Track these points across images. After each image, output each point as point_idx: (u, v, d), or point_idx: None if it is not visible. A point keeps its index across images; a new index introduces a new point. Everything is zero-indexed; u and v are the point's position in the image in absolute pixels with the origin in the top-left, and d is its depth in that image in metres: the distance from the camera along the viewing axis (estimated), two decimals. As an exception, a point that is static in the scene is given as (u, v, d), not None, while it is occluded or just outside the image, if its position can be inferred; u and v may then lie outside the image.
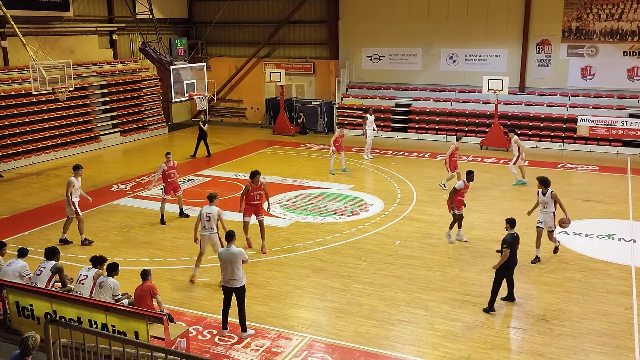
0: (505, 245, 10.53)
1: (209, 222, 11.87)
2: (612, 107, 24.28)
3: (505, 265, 10.61)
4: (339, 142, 20.07)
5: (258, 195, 13.47)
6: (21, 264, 9.80)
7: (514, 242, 10.67)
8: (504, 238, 10.64)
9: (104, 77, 26.57)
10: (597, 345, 9.52)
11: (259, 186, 13.43)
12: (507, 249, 10.50)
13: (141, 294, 9.28)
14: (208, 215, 11.88)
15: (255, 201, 13.46)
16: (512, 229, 10.84)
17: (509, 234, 10.74)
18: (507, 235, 10.71)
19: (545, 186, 12.74)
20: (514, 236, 10.71)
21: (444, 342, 9.68)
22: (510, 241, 10.58)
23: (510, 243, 10.56)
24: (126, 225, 15.49)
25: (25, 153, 22.62)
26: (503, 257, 10.55)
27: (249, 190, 13.37)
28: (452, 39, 27.06)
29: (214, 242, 11.93)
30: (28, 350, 6.38)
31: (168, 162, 15.56)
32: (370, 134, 22.75)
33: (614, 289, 11.50)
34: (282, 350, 9.43)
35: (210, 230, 11.90)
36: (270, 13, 30.75)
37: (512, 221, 10.91)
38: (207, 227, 11.90)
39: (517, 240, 10.78)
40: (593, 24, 24.66)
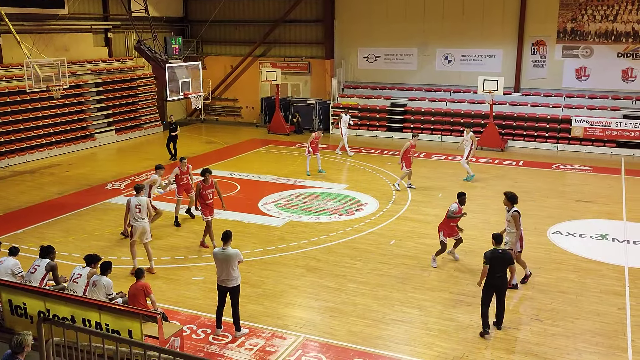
0: (484, 260, 9.67)
1: (140, 213, 12.13)
2: (607, 108, 24.37)
3: (487, 283, 9.70)
4: (315, 143, 20.07)
5: (211, 194, 13.62)
6: (13, 261, 9.76)
7: (495, 258, 9.62)
8: (485, 253, 9.79)
9: (99, 75, 26.50)
10: (591, 345, 9.55)
11: (210, 184, 13.61)
12: (486, 265, 9.60)
13: (135, 293, 9.27)
14: (138, 207, 12.13)
15: (209, 200, 13.59)
16: (497, 245, 9.89)
17: (491, 249, 9.82)
18: (489, 250, 9.82)
19: (512, 203, 11.43)
20: (495, 252, 9.71)
21: (438, 341, 9.70)
22: (490, 256, 9.63)
23: (490, 258, 9.61)
24: (121, 224, 15.42)
25: (19, 151, 22.53)
26: (482, 273, 9.72)
27: (200, 189, 13.53)
28: (447, 39, 27.09)
29: (146, 230, 12.23)
30: (19, 349, 6.35)
31: (182, 167, 15.57)
32: (345, 132, 23.22)
33: (608, 289, 11.54)
34: (276, 350, 9.42)
35: (143, 220, 12.16)
36: (266, 12, 30.72)
37: (497, 237, 10.02)
38: (138, 217, 12.15)
39: (500, 258, 9.65)
40: (588, 25, 24.74)
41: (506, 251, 9.90)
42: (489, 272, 9.62)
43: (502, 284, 9.74)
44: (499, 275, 9.67)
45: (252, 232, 14.82)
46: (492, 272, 9.62)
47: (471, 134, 19.24)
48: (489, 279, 9.66)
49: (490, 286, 9.72)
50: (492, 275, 9.63)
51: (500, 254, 9.72)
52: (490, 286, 9.72)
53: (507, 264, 9.76)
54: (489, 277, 9.65)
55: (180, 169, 15.57)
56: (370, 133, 27.72)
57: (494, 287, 9.72)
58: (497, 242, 9.91)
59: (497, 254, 9.70)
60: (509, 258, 9.80)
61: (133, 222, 12.24)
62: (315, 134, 20.27)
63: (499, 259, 9.66)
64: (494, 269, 9.61)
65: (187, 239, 14.35)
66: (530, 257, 13.10)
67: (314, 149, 20.10)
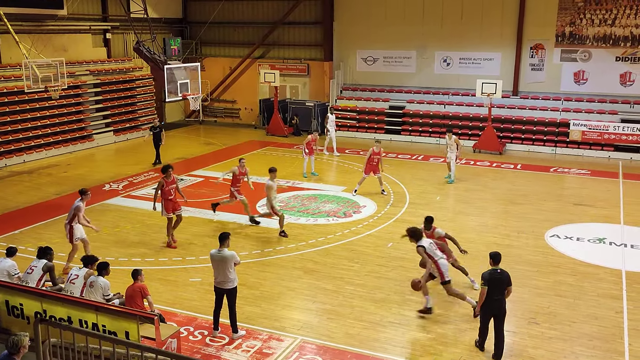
0: (482, 281, 8.96)
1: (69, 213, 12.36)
2: (605, 112, 24.42)
3: (484, 308, 9.06)
4: (311, 145, 20.05)
5: (173, 190, 13.71)
6: (10, 262, 9.74)
7: (494, 280, 8.91)
8: (482, 274, 9.06)
9: (97, 76, 26.48)
10: (588, 349, 9.55)
11: (172, 180, 13.68)
12: (484, 286, 8.90)
13: (132, 294, 9.25)
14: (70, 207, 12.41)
15: (170, 196, 13.67)
16: (496, 264, 9.09)
17: (489, 270, 9.08)
18: (486, 271, 9.09)
19: (417, 238, 10.53)
20: (494, 273, 8.99)
21: (436, 344, 9.69)
22: (488, 278, 8.90)
23: (488, 280, 8.88)
24: (118, 225, 15.41)
25: (17, 151, 22.49)
26: (480, 296, 9.04)
27: (163, 185, 13.60)
28: (446, 42, 27.14)
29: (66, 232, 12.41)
30: (15, 349, 6.33)
31: (241, 167, 15.56)
32: (333, 131, 23.37)
33: (605, 293, 11.55)
34: (273, 352, 9.41)
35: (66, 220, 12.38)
36: (265, 14, 30.74)
37: (495, 256, 9.14)
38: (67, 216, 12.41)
39: (500, 279, 8.94)
40: (586, 29, 24.79)
41: (504, 271, 9.08)
42: (489, 295, 8.92)
43: (500, 307, 9.03)
44: (497, 298, 8.97)
45: (250, 234, 14.81)
46: (489, 295, 8.91)
47: (454, 137, 19.43)
48: (486, 302, 8.97)
49: (488, 311, 9.07)
50: (490, 297, 8.93)
51: (498, 274, 9.01)
52: (488, 311, 9.07)
53: (506, 285, 9.06)
54: (486, 301, 8.96)
55: (239, 169, 15.48)
56: (368, 135, 27.71)
57: (491, 311, 9.05)
58: (495, 262, 9.12)
59: (496, 275, 9.00)
60: (508, 279, 9.06)
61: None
62: (311, 136, 20.28)
63: (497, 280, 8.96)
64: (492, 291, 8.90)
65: (185, 240, 14.32)
66: (528, 260, 13.14)
67: (310, 151, 20.12)
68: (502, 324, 9.12)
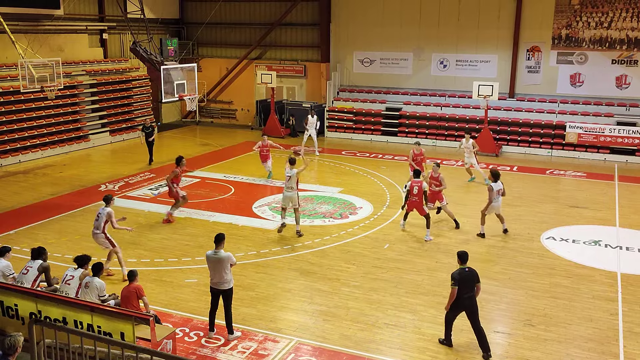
0: (452, 282, 9.14)
1: (97, 221, 12.08)
2: (601, 115, 24.49)
3: (455, 305, 9.28)
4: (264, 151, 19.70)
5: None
6: (4, 263, 9.70)
7: (463, 278, 9.14)
8: (452, 274, 9.24)
9: (94, 76, 26.43)
10: (583, 351, 9.57)
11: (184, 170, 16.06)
12: (454, 286, 9.10)
13: (127, 295, 9.24)
14: (98, 215, 12.12)
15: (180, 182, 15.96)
16: (463, 263, 9.30)
17: (458, 269, 9.29)
18: (456, 270, 9.29)
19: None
20: (463, 272, 9.22)
21: (431, 346, 9.69)
22: (458, 278, 9.11)
23: (458, 280, 9.09)
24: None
25: (13, 151, 22.43)
26: (450, 296, 9.23)
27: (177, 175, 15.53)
28: (443, 44, 27.18)
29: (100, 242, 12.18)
30: (12, 350, 6.31)
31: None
32: (313, 133, 23.50)
33: (600, 295, 11.57)
34: (268, 353, 9.40)
35: (96, 230, 12.09)
36: (262, 15, 30.74)
37: (462, 255, 9.37)
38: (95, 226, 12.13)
39: (469, 277, 9.20)
40: (583, 31, 24.87)
41: (472, 269, 9.31)
42: (457, 293, 9.17)
43: (471, 304, 9.24)
44: (468, 295, 9.19)
45: (246, 235, 14.80)
46: (460, 293, 9.16)
47: (472, 141, 19.65)
48: (457, 300, 9.20)
49: (459, 307, 9.30)
50: (461, 295, 9.17)
51: (467, 273, 9.22)
52: (459, 307, 9.30)
53: (475, 282, 9.27)
54: (458, 298, 9.19)
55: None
56: (365, 137, 27.74)
57: (461, 308, 9.31)
58: (462, 261, 9.31)
59: (465, 274, 9.20)
60: (476, 276, 9.31)
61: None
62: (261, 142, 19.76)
63: (466, 278, 9.18)
64: (461, 289, 9.15)
65: (181, 241, 14.31)
66: (523, 263, 13.17)
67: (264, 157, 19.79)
68: (477, 320, 9.32)
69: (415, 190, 14.38)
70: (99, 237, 12.11)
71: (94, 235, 12.18)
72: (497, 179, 14.38)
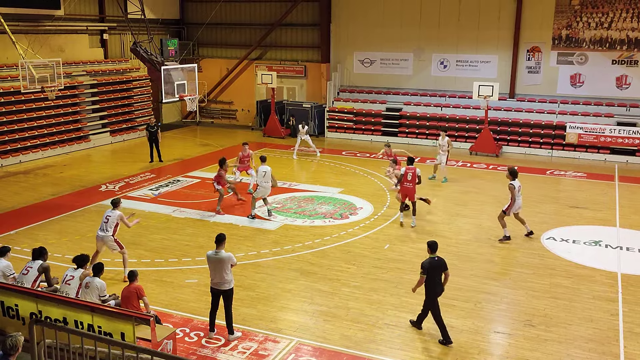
0: (422, 270, 9.75)
1: (107, 223, 11.91)
2: (601, 115, 24.49)
3: (432, 293, 9.80)
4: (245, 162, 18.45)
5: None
6: (5, 263, 9.70)
7: (433, 266, 9.73)
8: (422, 262, 9.85)
9: (94, 77, 26.44)
10: (583, 351, 9.57)
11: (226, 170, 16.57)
12: (423, 274, 9.71)
13: (128, 295, 9.24)
14: (107, 218, 11.95)
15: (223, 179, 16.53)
16: (433, 252, 9.87)
17: (428, 258, 9.84)
18: (426, 259, 9.86)
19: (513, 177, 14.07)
20: (433, 261, 9.79)
21: (431, 346, 9.70)
22: (428, 266, 9.70)
23: (428, 268, 9.69)
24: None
25: (13, 151, 22.44)
26: (419, 282, 9.88)
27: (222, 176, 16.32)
28: (443, 45, 27.19)
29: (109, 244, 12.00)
30: (9, 350, 6.32)
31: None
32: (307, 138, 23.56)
33: (601, 296, 11.57)
34: (269, 353, 9.40)
35: (105, 232, 11.90)
36: (263, 15, 30.75)
37: (432, 244, 9.93)
38: (104, 228, 11.93)
39: (438, 265, 9.80)
40: (583, 32, 24.88)
41: (441, 258, 9.91)
42: (430, 281, 9.71)
43: (441, 290, 9.91)
44: (438, 281, 9.82)
45: (247, 236, 14.81)
46: (432, 280, 9.72)
47: (447, 139, 19.94)
48: (431, 288, 9.74)
49: (435, 295, 9.79)
50: (433, 283, 9.73)
51: (436, 261, 9.81)
52: (435, 295, 9.79)
53: (443, 270, 9.84)
54: (432, 286, 9.73)
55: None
56: (365, 137, 27.75)
57: (437, 294, 9.81)
58: (432, 251, 9.89)
59: (434, 262, 9.78)
60: (444, 264, 9.88)
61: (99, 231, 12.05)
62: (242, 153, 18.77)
63: (436, 266, 9.77)
64: (433, 276, 9.73)
65: (181, 242, 14.32)
66: (523, 263, 13.17)
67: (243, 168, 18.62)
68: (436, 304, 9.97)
69: (410, 177, 15.20)
70: (107, 240, 11.90)
71: (102, 238, 11.91)
72: (515, 176, 14.24)
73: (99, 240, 12.01)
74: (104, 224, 11.92)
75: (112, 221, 11.92)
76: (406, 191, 15.35)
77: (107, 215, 11.98)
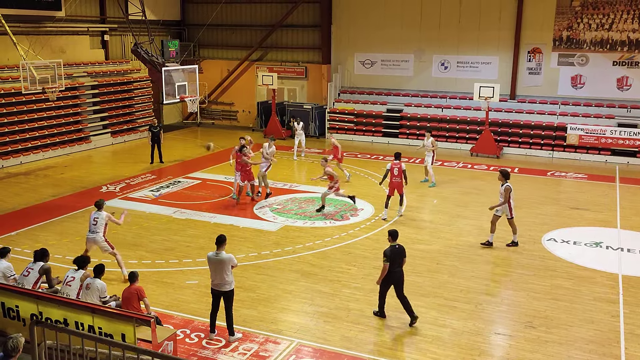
0: (385, 258, 10.12)
1: (95, 226, 11.99)
2: (602, 116, 24.48)
3: (386, 279, 10.21)
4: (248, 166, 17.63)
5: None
6: (5, 264, 9.71)
7: (395, 255, 10.15)
8: (384, 251, 10.22)
9: (95, 78, 26.46)
10: (584, 353, 9.56)
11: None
12: (386, 262, 10.08)
13: (128, 296, 9.24)
14: (95, 220, 12.03)
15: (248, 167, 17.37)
16: (394, 241, 10.30)
17: (390, 246, 10.23)
18: (388, 248, 10.24)
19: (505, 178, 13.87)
20: (394, 248, 10.20)
21: (432, 347, 9.69)
22: (390, 254, 10.10)
23: (390, 256, 10.09)
24: (114, 227, 15.35)
25: (14, 153, 22.46)
26: (382, 270, 10.21)
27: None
28: (444, 46, 27.20)
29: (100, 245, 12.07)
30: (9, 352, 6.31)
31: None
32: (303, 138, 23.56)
33: (601, 297, 11.56)
34: (269, 355, 9.40)
35: (95, 233, 11.98)
36: (263, 16, 30.77)
37: (393, 233, 10.39)
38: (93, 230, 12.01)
39: (398, 253, 10.21)
40: (583, 33, 24.88)
41: (401, 246, 10.36)
42: (389, 268, 10.18)
43: (399, 277, 10.29)
44: (397, 270, 10.22)
45: (247, 237, 14.81)
46: (391, 267, 10.16)
47: (432, 139, 19.89)
48: (389, 274, 10.20)
49: (388, 282, 10.26)
50: (391, 270, 10.17)
51: (397, 249, 10.24)
52: (388, 282, 10.26)
53: (402, 257, 10.29)
54: (389, 272, 10.19)
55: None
56: (366, 138, 27.76)
57: (391, 282, 10.26)
58: (393, 239, 10.34)
59: (395, 250, 10.22)
60: (404, 251, 10.35)
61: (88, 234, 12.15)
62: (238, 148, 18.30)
63: (396, 254, 10.21)
64: (392, 264, 10.18)
65: (182, 243, 14.32)
66: (524, 264, 13.17)
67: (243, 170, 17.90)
68: (402, 290, 10.36)
69: (396, 172, 15.86)
70: (99, 240, 12.00)
71: (92, 240, 12.01)
72: (508, 178, 14.05)
73: (89, 241, 12.10)
74: (93, 225, 12.04)
75: (101, 222, 12.04)
76: (395, 185, 16.00)
77: (94, 217, 12.08)
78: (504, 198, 13.78)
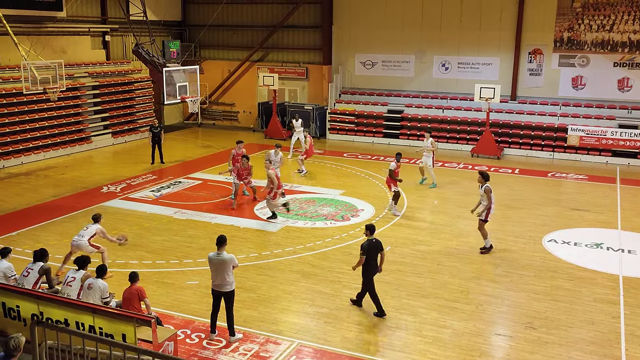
0: (362, 251, 10.57)
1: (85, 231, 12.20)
2: (602, 117, 24.48)
3: (368, 272, 10.64)
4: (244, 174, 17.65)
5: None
6: (6, 264, 9.73)
7: (371, 248, 10.60)
8: (362, 244, 10.69)
9: (96, 78, 26.48)
10: (585, 354, 9.56)
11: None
12: (363, 255, 10.54)
13: (129, 297, 9.25)
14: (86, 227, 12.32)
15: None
16: (371, 235, 10.76)
17: (367, 240, 10.68)
18: (365, 241, 10.69)
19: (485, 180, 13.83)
20: (371, 242, 10.64)
21: (432, 348, 9.69)
22: (367, 248, 10.57)
23: (367, 249, 10.56)
24: (115, 227, 15.38)
25: (15, 153, 22.48)
26: (359, 262, 10.66)
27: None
28: (444, 47, 27.20)
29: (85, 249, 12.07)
30: (11, 351, 6.32)
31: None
32: (301, 137, 23.10)
33: (602, 298, 11.56)
34: (270, 355, 9.40)
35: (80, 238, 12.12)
36: (264, 17, 30.79)
37: (371, 227, 10.85)
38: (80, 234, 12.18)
39: (375, 247, 10.65)
40: (584, 34, 24.87)
41: (378, 240, 10.78)
42: (368, 261, 10.57)
43: (378, 270, 10.83)
44: (375, 261, 10.69)
45: (248, 237, 14.81)
46: (369, 261, 10.59)
47: (432, 140, 19.76)
48: (368, 268, 10.60)
49: (371, 272, 10.67)
50: (369, 262, 10.60)
51: (374, 243, 10.67)
52: (371, 272, 10.67)
53: (379, 251, 10.70)
54: (369, 266, 10.60)
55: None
56: (366, 139, 27.76)
57: (373, 274, 10.70)
58: (371, 233, 10.75)
59: (372, 244, 10.64)
60: (381, 245, 10.75)
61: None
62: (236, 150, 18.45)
63: (373, 247, 10.64)
64: (370, 257, 10.60)
65: (182, 243, 14.33)
66: (525, 265, 13.17)
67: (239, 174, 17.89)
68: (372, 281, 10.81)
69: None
70: (82, 245, 12.04)
71: (77, 244, 12.05)
72: (488, 179, 13.86)
73: (74, 246, 12.14)
74: (82, 231, 12.22)
75: (91, 231, 12.19)
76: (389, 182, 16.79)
77: (87, 225, 12.35)
78: (488, 199, 13.58)
